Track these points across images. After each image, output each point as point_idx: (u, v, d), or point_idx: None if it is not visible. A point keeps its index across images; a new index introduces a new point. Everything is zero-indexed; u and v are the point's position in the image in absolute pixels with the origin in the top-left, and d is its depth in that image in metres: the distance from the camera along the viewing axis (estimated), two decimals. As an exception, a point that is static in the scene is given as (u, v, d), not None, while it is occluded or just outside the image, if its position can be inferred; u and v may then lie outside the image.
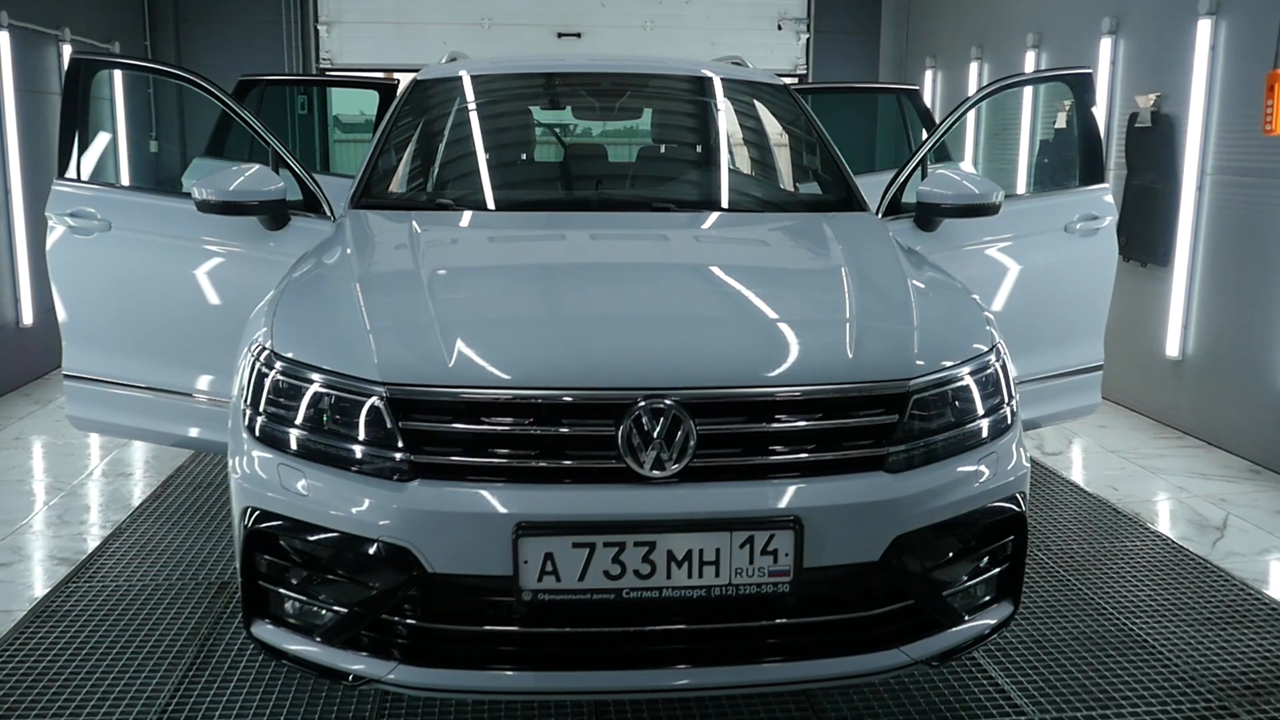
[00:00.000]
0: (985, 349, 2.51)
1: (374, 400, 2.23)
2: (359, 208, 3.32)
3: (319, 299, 2.62)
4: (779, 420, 2.24)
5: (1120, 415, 5.73)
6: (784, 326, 2.49)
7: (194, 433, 3.69)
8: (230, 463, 2.45)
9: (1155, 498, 4.44)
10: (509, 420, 2.19)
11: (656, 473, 2.17)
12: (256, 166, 3.41)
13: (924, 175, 3.96)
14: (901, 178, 3.77)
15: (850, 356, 2.33)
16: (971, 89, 7.77)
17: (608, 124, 4.11)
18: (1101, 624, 3.24)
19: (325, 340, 2.40)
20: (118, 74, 7.14)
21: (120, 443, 5.00)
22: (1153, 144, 5.57)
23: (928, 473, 2.31)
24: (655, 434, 2.16)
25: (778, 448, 2.24)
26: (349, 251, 2.83)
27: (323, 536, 2.24)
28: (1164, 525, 4.11)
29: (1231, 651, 3.07)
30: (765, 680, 2.25)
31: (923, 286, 2.71)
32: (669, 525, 2.14)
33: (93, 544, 3.82)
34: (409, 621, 2.24)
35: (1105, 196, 4.18)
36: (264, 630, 2.38)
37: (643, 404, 2.17)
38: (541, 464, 2.18)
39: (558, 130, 4.36)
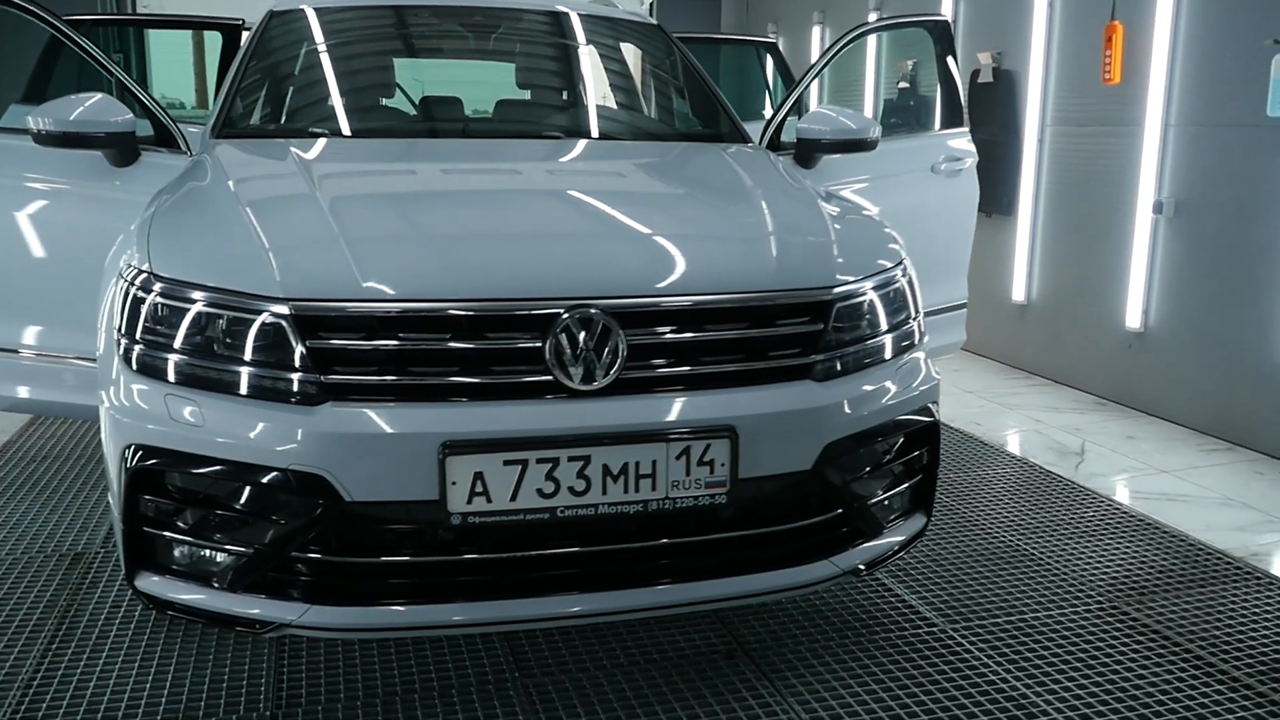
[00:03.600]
0: (896, 264, 2.53)
1: (277, 319, 2.04)
2: (221, 139, 3.07)
3: (201, 221, 2.40)
4: (707, 330, 2.18)
5: (972, 359, 5.97)
6: (707, 237, 2.44)
7: (23, 393, 3.35)
8: (103, 399, 2.21)
9: (1016, 430, 4.63)
10: (428, 335, 2.05)
11: (586, 385, 2.08)
12: (99, 95, 3.10)
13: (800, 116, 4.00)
14: (779, 117, 3.79)
15: (775, 265, 2.30)
16: (814, 53, 7.93)
17: (482, 57, 3.93)
18: (989, 542, 3.34)
19: (215, 260, 2.19)
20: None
21: (-67, 420, 4.51)
22: (994, 99, 5.81)
23: (851, 381, 2.30)
24: (584, 345, 2.07)
25: (707, 358, 2.18)
26: (226, 177, 2.60)
27: (220, 470, 2.04)
28: (1029, 453, 4.29)
29: (1112, 559, 3.22)
30: (703, 598, 2.20)
31: (831, 207, 2.71)
32: (603, 438, 2.04)
33: (-85, 523, 3.42)
34: (321, 557, 2.08)
35: (966, 139, 4.32)
36: (150, 583, 2.17)
37: (568, 315, 2.07)
38: (465, 380, 2.05)
39: (421, 66, 4.16)
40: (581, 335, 2.07)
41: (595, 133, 3.50)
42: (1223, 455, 4.27)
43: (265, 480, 2.02)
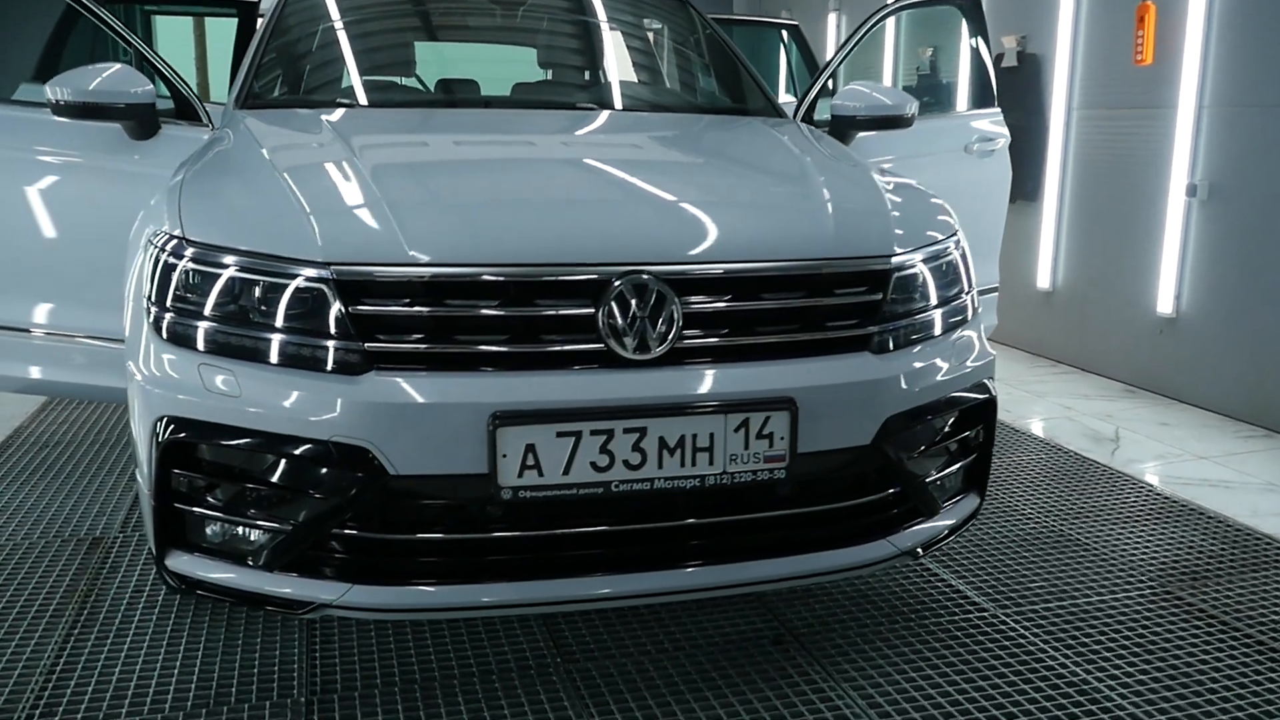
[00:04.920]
0: (949, 235, 2.44)
1: (318, 284, 1.95)
2: (246, 109, 2.97)
3: (235, 185, 2.31)
4: (763, 298, 2.09)
5: (994, 347, 5.87)
6: (761, 204, 2.36)
7: (35, 373, 3.25)
8: (132, 371, 2.11)
9: (1047, 417, 4.54)
10: (475, 302, 1.96)
11: (641, 355, 1.99)
12: (119, 65, 3.00)
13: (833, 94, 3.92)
14: (812, 94, 3.70)
15: (832, 233, 2.21)
16: (831, 40, 7.84)
17: (508, 29, 3.83)
18: (1032, 527, 3.25)
19: (251, 224, 2.10)
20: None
21: (-58, 406, 4.41)
22: (1019, 83, 5.72)
23: (910, 354, 2.22)
24: (637, 312, 1.97)
25: (763, 327, 2.09)
26: (259, 144, 2.50)
27: (257, 442, 1.95)
28: (1062, 440, 4.19)
29: (1159, 545, 3.13)
30: (761, 578, 2.11)
31: (883, 178, 2.63)
32: (659, 409, 1.95)
33: (-73, 508, 3.32)
34: (364, 535, 1.98)
35: (998, 119, 4.23)
36: (181, 562, 2.07)
37: (621, 281, 1.98)
38: (515, 349, 1.96)
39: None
40: (635, 302, 1.98)
41: (634, 105, 3.42)
42: (1260, 442, 4.18)
43: (305, 453, 1.92)
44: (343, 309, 1.93)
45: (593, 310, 1.97)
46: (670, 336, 1.99)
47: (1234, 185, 4.45)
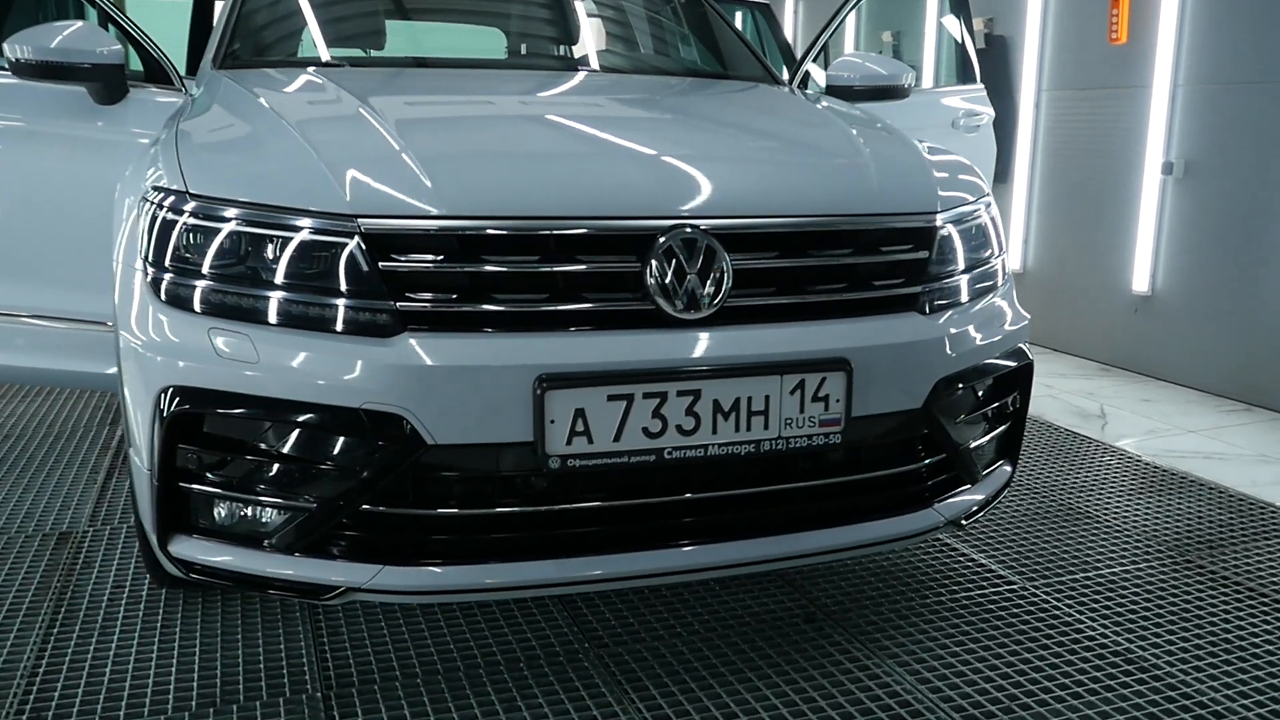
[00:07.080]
0: (980, 197, 2.36)
1: (344, 239, 1.79)
2: (226, 69, 2.78)
3: (240, 137, 2.13)
4: (811, 255, 1.98)
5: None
6: (804, 158, 2.25)
7: None
8: (126, 341, 1.93)
9: (1031, 396, 4.51)
10: (514, 257, 1.82)
11: (692, 314, 1.86)
12: (81, 23, 2.80)
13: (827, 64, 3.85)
14: (805, 66, 3.62)
15: (878, 188, 2.11)
16: (789, 26, 7.79)
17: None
18: (1043, 502, 3.20)
19: (263, 176, 1.93)
20: None
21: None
22: (987, 66, 5.70)
23: (956, 315, 2.13)
24: (686, 268, 1.85)
25: (812, 285, 1.98)
26: (256, 96, 2.32)
27: (278, 413, 1.78)
28: (1051, 417, 4.17)
29: (1171, 516, 3.10)
30: (812, 549, 2.00)
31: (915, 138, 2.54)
32: (714, 371, 1.83)
33: None
34: (396, 511, 1.83)
35: (983, 96, 4.20)
36: (185, 547, 1.90)
37: (667, 237, 1.85)
38: (557, 307, 1.82)
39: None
40: (684, 258, 1.85)
41: (647, 68, 3.29)
42: (1244, 415, 4.20)
43: (332, 423, 1.77)
44: (372, 265, 1.78)
45: (639, 266, 1.85)
46: (720, 295, 1.88)
47: (1210, 162, 4.47)
